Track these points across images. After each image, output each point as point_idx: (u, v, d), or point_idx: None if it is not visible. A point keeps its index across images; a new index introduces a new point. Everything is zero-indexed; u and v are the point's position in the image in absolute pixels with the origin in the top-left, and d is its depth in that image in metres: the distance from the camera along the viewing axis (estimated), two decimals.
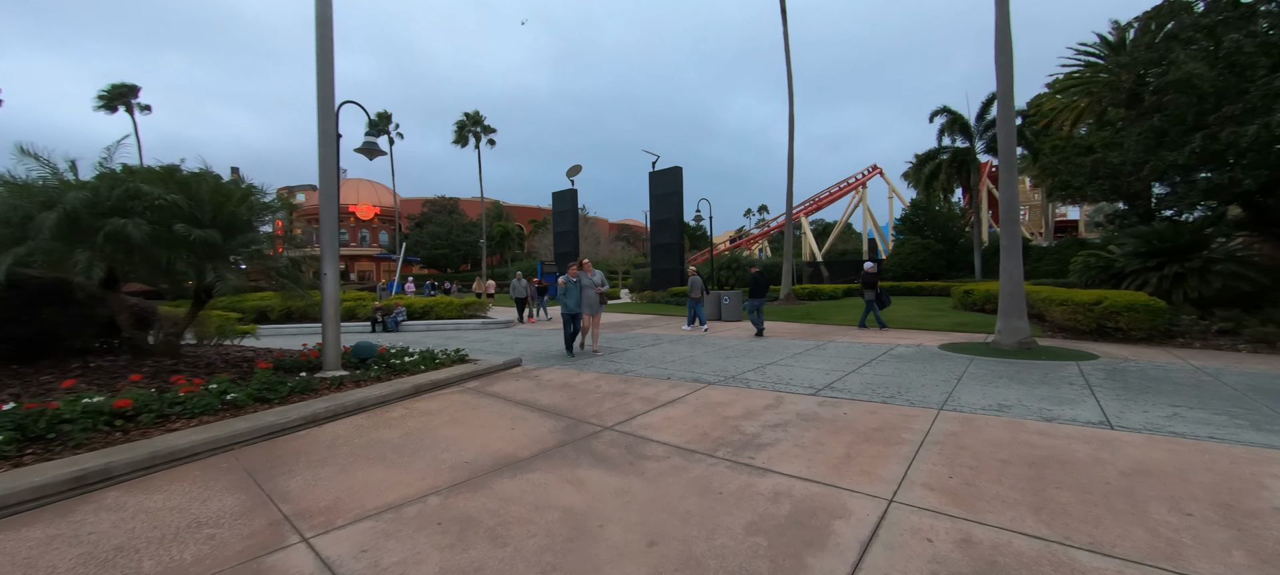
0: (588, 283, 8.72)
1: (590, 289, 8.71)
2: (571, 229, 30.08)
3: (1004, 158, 8.44)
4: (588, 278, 8.77)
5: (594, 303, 8.74)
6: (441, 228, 52.70)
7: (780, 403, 5.32)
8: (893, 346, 9.04)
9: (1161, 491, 3.08)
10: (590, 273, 8.86)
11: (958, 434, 4.20)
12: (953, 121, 24.02)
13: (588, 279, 8.75)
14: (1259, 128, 8.67)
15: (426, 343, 11.30)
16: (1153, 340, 8.73)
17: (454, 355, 7.58)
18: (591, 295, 8.71)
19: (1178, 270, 9.47)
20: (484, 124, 42.29)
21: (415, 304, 17.68)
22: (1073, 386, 5.77)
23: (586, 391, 6.04)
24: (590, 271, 8.87)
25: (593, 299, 8.72)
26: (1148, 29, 13.41)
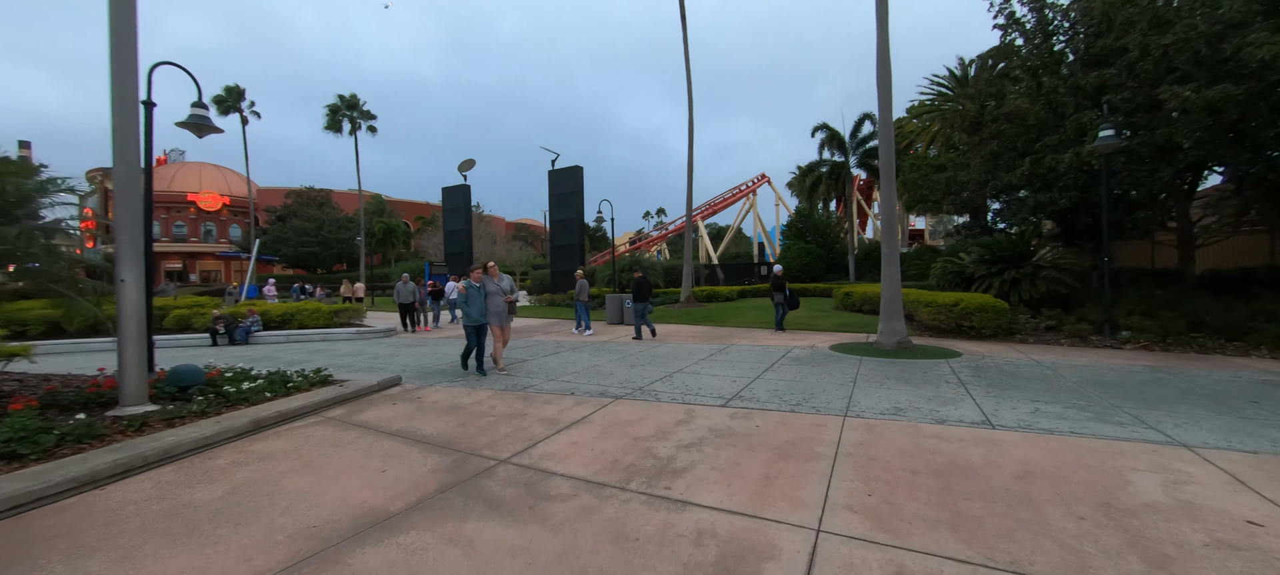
0: (495, 289, 7.47)
1: (498, 296, 7.48)
2: (464, 227, 28.11)
3: (884, 172, 9.11)
4: (495, 283, 7.52)
5: (503, 312, 7.54)
6: (309, 222, 46.65)
7: (692, 417, 5.04)
8: (790, 348, 9.35)
9: (1052, 494, 3.21)
10: (498, 277, 7.61)
11: (866, 443, 4.19)
12: (831, 137, 26.27)
13: (495, 285, 7.50)
14: (1072, 156, 10.28)
15: (282, 359, 9.58)
16: (998, 336, 9.98)
17: (313, 376, 6.35)
18: (499, 303, 7.48)
19: (1014, 275, 11.00)
20: (362, 109, 38.18)
21: (271, 311, 15.11)
22: (949, 385, 6.23)
23: (479, 414, 5.30)
24: (498, 276, 7.62)
25: (501, 308, 7.51)
26: (985, 66, 15.50)
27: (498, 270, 7.65)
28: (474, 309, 7.28)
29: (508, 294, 7.59)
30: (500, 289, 7.54)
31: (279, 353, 10.78)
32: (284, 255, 46.62)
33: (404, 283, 14.85)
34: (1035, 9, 13.17)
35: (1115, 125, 8.65)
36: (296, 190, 50.98)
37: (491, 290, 7.45)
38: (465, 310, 7.35)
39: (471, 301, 7.27)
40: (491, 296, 7.44)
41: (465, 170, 28.28)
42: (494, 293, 7.47)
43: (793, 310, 12.57)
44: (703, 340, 10.90)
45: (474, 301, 7.28)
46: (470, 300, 7.26)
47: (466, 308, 7.30)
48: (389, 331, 14.10)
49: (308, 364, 8.80)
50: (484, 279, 7.46)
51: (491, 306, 7.44)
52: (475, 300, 7.29)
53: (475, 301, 7.29)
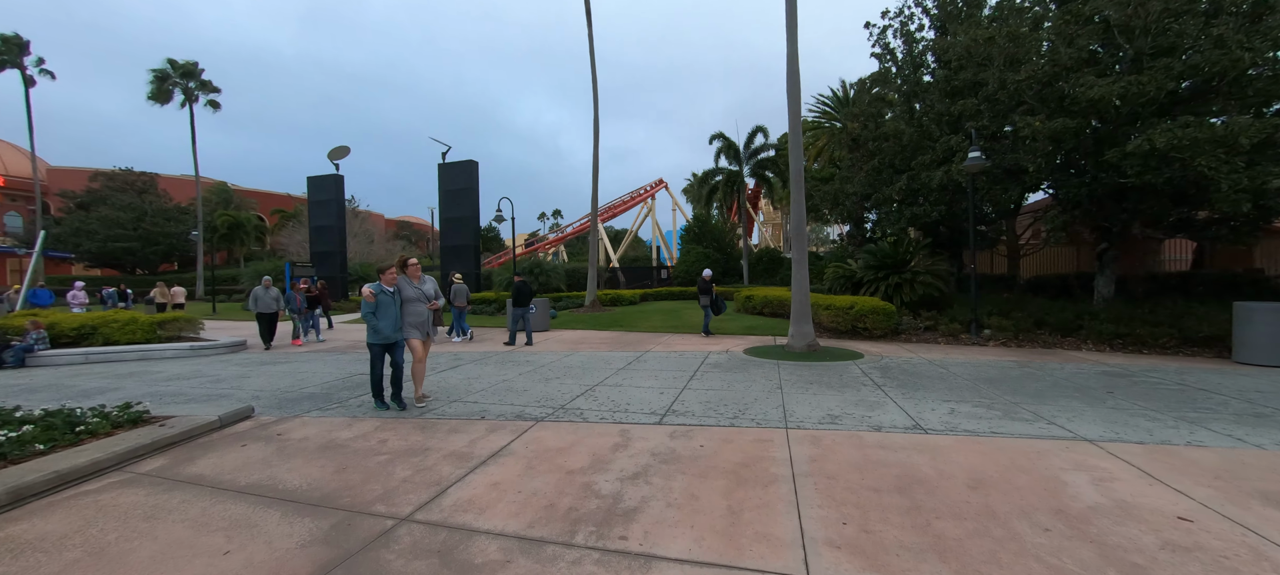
0: (415, 294, 5.79)
1: (419, 304, 5.81)
2: (335, 223, 24.75)
3: (794, 178, 9.38)
4: (415, 287, 5.82)
5: (425, 323, 5.88)
6: (126, 212, 38.14)
7: (628, 439, 4.50)
8: (707, 354, 9.21)
9: (1009, 504, 3.18)
10: (418, 278, 5.91)
11: (818, 459, 3.98)
12: (727, 147, 27.39)
13: (415, 289, 5.81)
14: (942, 173, 11.48)
15: (76, 388, 7.34)
16: (887, 336, 10.79)
17: (117, 414, 4.75)
18: (421, 313, 5.81)
19: (897, 280, 12.06)
20: (200, 78, 32.17)
21: (63, 323, 11.73)
22: (867, 388, 6.40)
23: (365, 454, 4.25)
24: (419, 276, 5.91)
25: (423, 318, 5.84)
26: (865, 89, 17.00)
27: (419, 270, 5.91)
28: (385, 321, 5.51)
29: (432, 300, 5.93)
30: (422, 294, 5.84)
31: (72, 380, 8.27)
32: (88, 252, 37.52)
33: (266, 288, 11.87)
34: (906, 41, 14.71)
35: (979, 148, 9.77)
36: (107, 172, 41.37)
37: (410, 296, 5.76)
38: (373, 323, 5.49)
39: (382, 311, 5.49)
40: (410, 304, 5.75)
41: (337, 158, 24.94)
42: (413, 299, 5.77)
43: (719, 314, 12.56)
44: (616, 347, 10.41)
45: (386, 311, 5.52)
46: (381, 310, 5.48)
47: (375, 319, 5.48)
48: (236, 346, 11.64)
49: (114, 394, 6.81)
50: (400, 281, 5.74)
51: (409, 318, 5.74)
52: (387, 310, 5.53)
53: (387, 311, 5.53)
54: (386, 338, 5.54)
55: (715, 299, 12.01)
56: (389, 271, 5.65)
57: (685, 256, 28.80)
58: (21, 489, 3.35)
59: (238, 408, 5.36)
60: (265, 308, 11.73)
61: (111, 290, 19.68)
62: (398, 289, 5.68)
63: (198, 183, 34.35)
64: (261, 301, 11.74)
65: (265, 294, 11.80)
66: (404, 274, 5.83)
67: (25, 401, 6.62)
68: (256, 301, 11.78)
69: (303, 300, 12.59)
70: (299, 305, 12.45)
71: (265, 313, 11.71)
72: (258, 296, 11.81)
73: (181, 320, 12.48)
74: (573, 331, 13.55)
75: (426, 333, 5.92)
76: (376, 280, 5.65)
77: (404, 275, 5.82)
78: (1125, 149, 8.36)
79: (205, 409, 5.45)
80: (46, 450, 3.95)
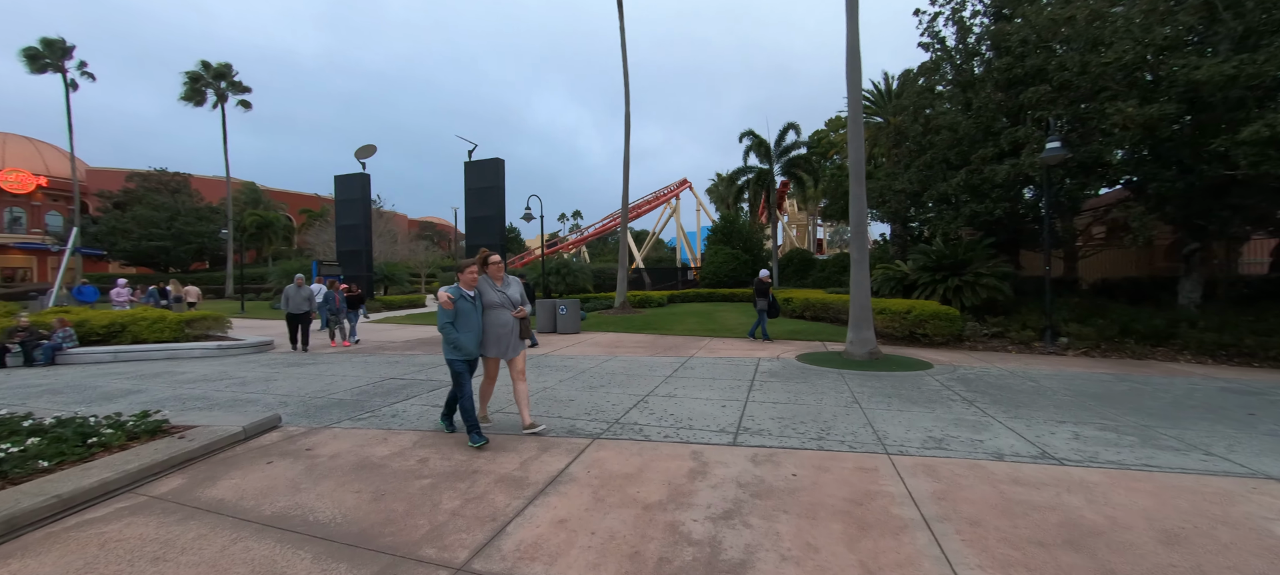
0: (497, 299, 4.51)
1: (503, 310, 4.52)
2: (362, 222, 24.66)
3: (855, 172, 8.64)
4: (499, 290, 4.55)
5: (509, 336, 4.55)
6: (160, 212, 38.96)
7: (704, 464, 3.87)
8: (758, 361, 8.51)
9: (1224, 564, 2.46)
10: (501, 278, 4.63)
11: (945, 496, 3.29)
12: (757, 144, 26.58)
13: (497, 292, 4.53)
14: (1008, 167, 10.59)
15: (101, 389, 7.00)
16: (949, 344, 9.94)
17: (134, 423, 4.29)
18: (504, 323, 4.51)
19: (957, 283, 11.18)
20: (232, 79, 32.60)
21: (93, 321, 11.59)
22: (958, 404, 5.65)
23: (405, 476, 3.70)
24: (502, 276, 4.64)
25: (507, 329, 4.53)
26: (912, 81, 16.07)
27: (502, 268, 4.63)
28: (468, 334, 4.35)
29: (518, 306, 4.62)
30: (506, 300, 4.55)
31: (97, 380, 7.98)
32: (124, 250, 38.42)
33: (298, 286, 11.03)
34: (959, 29, 13.79)
35: (1060, 139, 8.88)
36: (143, 173, 42.40)
37: (493, 302, 4.49)
38: (452, 336, 4.31)
39: (463, 322, 4.33)
40: (493, 312, 4.49)
41: (364, 157, 24.86)
42: (496, 306, 4.49)
43: (773, 317, 11.60)
44: (655, 351, 9.78)
45: (467, 322, 4.35)
46: (461, 320, 4.32)
47: (454, 332, 4.32)
48: (263, 346, 11.34)
49: (137, 397, 6.44)
50: (481, 282, 4.52)
51: (492, 330, 4.48)
52: (469, 320, 4.36)
53: (469, 321, 4.36)
54: (470, 353, 4.39)
55: (773, 301, 11.05)
56: (468, 271, 4.39)
57: (712, 257, 28.05)
58: (16, 519, 2.86)
59: (263, 417, 4.87)
60: (297, 308, 10.94)
61: (152, 288, 19.78)
62: (478, 293, 4.45)
63: (228, 183, 34.84)
64: (293, 301, 10.95)
65: (297, 293, 11.01)
66: (485, 273, 4.54)
67: (46, 403, 6.30)
68: (288, 301, 10.99)
69: (343, 300, 11.79)
70: (339, 306, 11.65)
71: (296, 313, 10.91)
72: (289, 296, 11.02)
73: (209, 319, 12.24)
74: (606, 334, 12.97)
75: (511, 348, 4.55)
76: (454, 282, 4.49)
77: (485, 275, 4.54)
78: (1237, 137, 7.42)
79: (229, 417, 4.98)
80: (51, 467, 3.48)
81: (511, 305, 4.58)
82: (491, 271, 4.56)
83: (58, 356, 10.50)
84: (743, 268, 27.15)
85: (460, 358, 4.36)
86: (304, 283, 11.24)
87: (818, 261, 27.66)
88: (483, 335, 4.46)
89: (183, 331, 11.49)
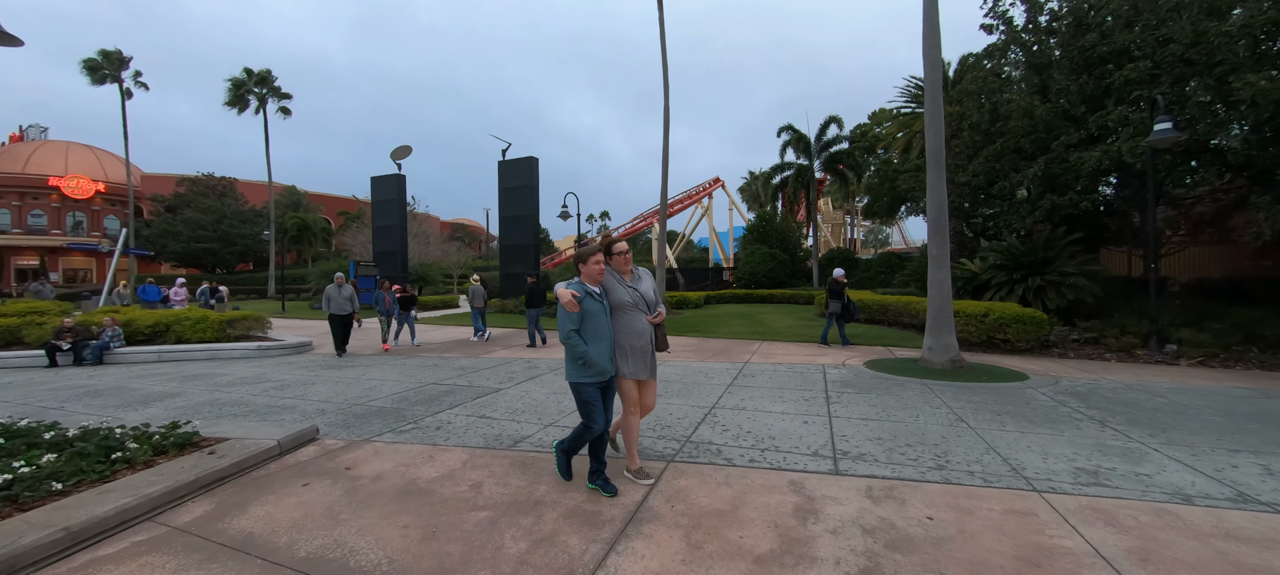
0: (628, 298, 3.43)
1: (636, 314, 3.43)
2: (397, 223, 24.73)
3: (933, 158, 7.78)
4: (627, 287, 3.47)
5: (646, 349, 3.47)
6: (207, 215, 40.39)
7: (810, 499, 3.20)
8: (823, 368, 7.74)
9: None
10: (630, 272, 3.54)
11: (1148, 557, 2.54)
12: (796, 139, 25.57)
13: (628, 290, 3.45)
14: (1099, 154, 9.51)
15: (140, 392, 6.76)
16: (1034, 350, 8.95)
17: (163, 435, 3.89)
18: (638, 330, 3.42)
19: (1038, 283, 10.12)
20: (273, 86, 33.40)
21: (138, 321, 11.65)
22: (1088, 424, 4.80)
23: (458, 506, 3.15)
24: (630, 269, 3.54)
25: (643, 340, 3.45)
26: (970, 67, 14.93)
27: (630, 259, 3.53)
28: (598, 343, 3.25)
29: (655, 310, 3.51)
30: (640, 299, 3.46)
31: (138, 380, 7.81)
32: (174, 252, 39.98)
33: (338, 286, 10.27)
34: (1029, 8, 12.67)
35: (1171, 119, 7.81)
36: (192, 178, 44.10)
37: (622, 301, 3.40)
38: (578, 348, 3.20)
39: (592, 327, 3.24)
40: (623, 315, 3.39)
41: (399, 158, 24.94)
42: (626, 307, 3.40)
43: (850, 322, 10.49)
44: (707, 356, 9.11)
45: (596, 327, 3.25)
46: (589, 324, 3.23)
47: (581, 341, 3.21)
48: (302, 346, 11.16)
49: (174, 401, 6.14)
50: (608, 274, 3.44)
51: (626, 339, 3.38)
52: (598, 324, 3.26)
53: (598, 327, 3.26)
54: (604, 372, 3.23)
55: (848, 304, 9.98)
56: (591, 261, 3.29)
57: (749, 257, 27.11)
58: (16, 558, 2.42)
59: (300, 429, 4.43)
60: (339, 309, 10.19)
61: (204, 287, 20.35)
62: (604, 290, 3.36)
63: (270, 186, 35.73)
64: (334, 302, 10.21)
65: (338, 293, 10.27)
66: (609, 264, 3.44)
67: (82, 407, 6.07)
68: (329, 302, 10.27)
69: (392, 301, 11.17)
70: (388, 307, 11.07)
71: (339, 314, 10.17)
72: (330, 296, 10.29)
73: (250, 319, 12.17)
74: None
75: (646, 365, 3.44)
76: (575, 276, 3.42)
77: (609, 265, 3.45)
78: None
79: (264, 428, 4.56)
80: (66, 489, 3.07)
81: (647, 307, 3.48)
82: (617, 263, 3.47)
83: (106, 356, 10.53)
84: (781, 267, 26.16)
85: (591, 378, 3.22)
86: (344, 282, 10.64)
87: (861, 261, 26.42)
88: (612, 345, 3.33)
89: (224, 332, 11.43)
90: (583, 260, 3.37)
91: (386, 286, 11.52)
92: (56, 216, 44.48)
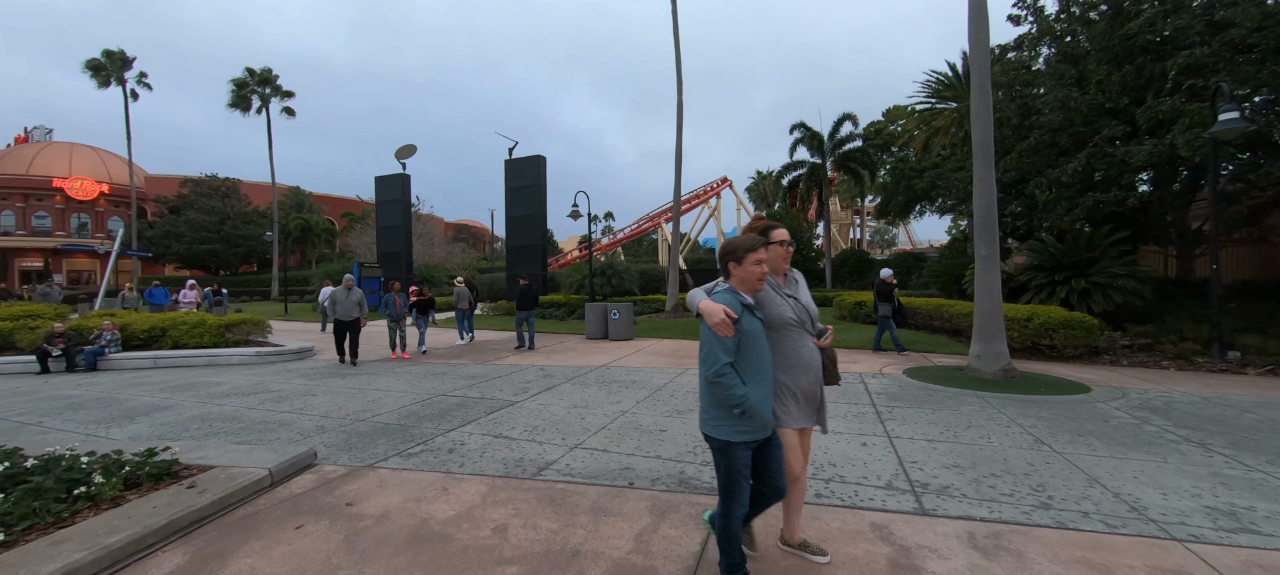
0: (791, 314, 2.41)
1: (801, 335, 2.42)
2: (402, 223, 24.29)
3: (980, 150, 7.22)
4: (783, 295, 2.45)
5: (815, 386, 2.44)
6: (210, 216, 40.09)
7: (906, 552, 2.64)
8: (861, 378, 7.18)
9: None
10: (786, 275, 2.53)
11: None
12: (809, 137, 24.98)
13: (786, 301, 2.44)
14: (1150, 147, 8.92)
15: (129, 404, 6.25)
16: (1081, 357, 8.36)
17: (137, 466, 3.36)
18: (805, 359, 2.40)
19: (1083, 285, 9.52)
20: (276, 85, 33.06)
21: (135, 325, 11.18)
22: (1191, 449, 4.23)
23: (481, 560, 2.61)
24: (787, 269, 2.55)
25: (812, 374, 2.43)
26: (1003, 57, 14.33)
27: (790, 251, 2.54)
28: (758, 381, 2.16)
29: (820, 331, 2.50)
30: (804, 314, 2.45)
31: (127, 391, 7.32)
32: (177, 254, 39.69)
33: (348, 289, 9.32)
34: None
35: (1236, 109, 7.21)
36: (195, 179, 43.83)
37: (784, 318, 2.39)
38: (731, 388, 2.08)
39: (751, 357, 2.16)
40: (783, 335, 2.38)
41: (404, 157, 24.49)
42: (788, 326, 2.39)
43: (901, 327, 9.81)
44: None
45: (756, 358, 2.18)
46: (748, 353, 2.15)
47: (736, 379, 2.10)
48: (303, 352, 10.66)
49: (161, 416, 5.64)
50: (768, 286, 2.41)
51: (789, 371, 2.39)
52: (757, 353, 2.19)
53: (758, 356, 2.18)
54: (765, 424, 2.19)
55: (899, 307, 9.25)
56: (749, 261, 2.19)
57: None
58: None
59: (295, 454, 3.90)
60: (346, 314, 9.18)
61: (207, 290, 19.71)
62: (757, 303, 2.29)
63: (273, 186, 35.37)
64: (341, 306, 9.22)
65: (347, 298, 9.25)
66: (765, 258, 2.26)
67: (64, 420, 5.57)
68: (335, 305, 9.32)
69: (403, 304, 10.19)
70: (399, 311, 10.06)
71: (345, 320, 9.19)
72: (337, 299, 9.31)
73: (250, 323, 11.69)
74: (663, 341, 11.82)
75: (814, 409, 2.48)
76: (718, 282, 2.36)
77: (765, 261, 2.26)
78: None
79: (255, 452, 4.04)
80: (9, 539, 2.55)
81: (812, 326, 2.45)
82: (776, 264, 2.45)
83: (100, 362, 10.07)
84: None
85: (749, 436, 2.14)
86: (354, 285, 9.63)
87: (876, 261, 25.80)
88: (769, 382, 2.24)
89: (223, 337, 10.94)
90: (736, 256, 2.20)
91: (395, 288, 10.50)
92: (61, 218, 44.27)
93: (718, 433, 2.18)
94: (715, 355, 2.10)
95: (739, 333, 2.11)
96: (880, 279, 9.20)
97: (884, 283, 9.09)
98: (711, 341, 2.12)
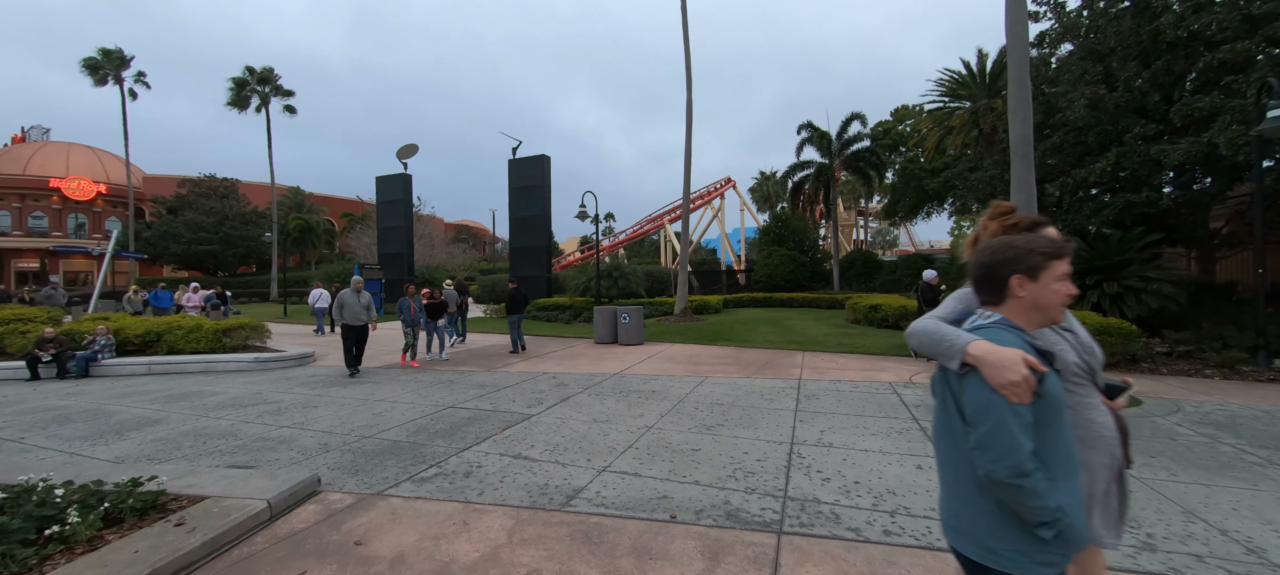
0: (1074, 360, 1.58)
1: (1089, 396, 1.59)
2: (403, 224, 23.93)
3: (1018, 148, 6.88)
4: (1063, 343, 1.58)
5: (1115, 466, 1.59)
6: (209, 216, 39.68)
7: None
8: (891, 387, 6.81)
9: None
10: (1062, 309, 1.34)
11: None
12: (816, 137, 24.63)
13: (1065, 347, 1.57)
14: (1187, 145, 8.57)
15: (119, 415, 5.87)
16: (1119, 365, 7.98)
17: (118, 499, 2.99)
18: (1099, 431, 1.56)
19: (1117, 289, 9.15)
20: (276, 84, 32.66)
21: (129, 329, 10.78)
22: (1274, 469, 3.86)
23: None
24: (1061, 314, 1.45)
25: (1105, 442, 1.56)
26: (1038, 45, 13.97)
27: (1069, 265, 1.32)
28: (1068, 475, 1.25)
29: (1120, 390, 1.65)
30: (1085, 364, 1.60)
31: (118, 402, 6.93)
32: (175, 254, 39.27)
33: (356, 292, 8.66)
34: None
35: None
36: (194, 179, 43.40)
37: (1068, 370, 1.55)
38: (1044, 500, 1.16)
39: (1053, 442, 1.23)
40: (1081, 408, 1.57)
41: (405, 157, 24.12)
42: (1076, 378, 1.58)
43: None
44: (749, 371, 8.19)
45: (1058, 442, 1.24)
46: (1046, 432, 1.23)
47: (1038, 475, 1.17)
48: (303, 358, 10.27)
49: (151, 431, 5.25)
50: (1057, 332, 1.59)
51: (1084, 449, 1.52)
52: (1058, 433, 1.25)
53: (1060, 442, 1.25)
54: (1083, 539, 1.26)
55: None
56: (1048, 275, 1.28)
57: (767, 259, 26.16)
58: None
59: (297, 481, 3.52)
60: (354, 318, 8.46)
61: (211, 293, 19.25)
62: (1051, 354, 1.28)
63: (273, 186, 34.96)
64: (350, 309, 8.49)
65: (356, 301, 8.59)
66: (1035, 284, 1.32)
67: (47, 436, 5.19)
68: (342, 310, 8.53)
69: (417, 309, 9.68)
70: (414, 316, 9.60)
71: (354, 325, 8.46)
72: (345, 303, 8.56)
73: (248, 327, 11.29)
74: (676, 346, 11.45)
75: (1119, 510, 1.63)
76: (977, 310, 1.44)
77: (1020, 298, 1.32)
78: None
79: (252, 478, 3.66)
80: None
81: (1094, 379, 1.63)
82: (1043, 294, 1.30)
83: (92, 368, 9.69)
84: (800, 270, 25.21)
85: (1054, 567, 1.25)
86: (362, 287, 8.93)
87: (885, 263, 25.47)
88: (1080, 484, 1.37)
89: (220, 341, 10.54)
90: (1025, 267, 1.29)
91: (411, 292, 9.85)
92: (58, 218, 43.81)
93: (1003, 565, 1.25)
94: (1010, 438, 1.18)
95: (1040, 400, 1.21)
96: (924, 281, 8.80)
97: (928, 285, 8.68)
98: (997, 412, 1.20)
